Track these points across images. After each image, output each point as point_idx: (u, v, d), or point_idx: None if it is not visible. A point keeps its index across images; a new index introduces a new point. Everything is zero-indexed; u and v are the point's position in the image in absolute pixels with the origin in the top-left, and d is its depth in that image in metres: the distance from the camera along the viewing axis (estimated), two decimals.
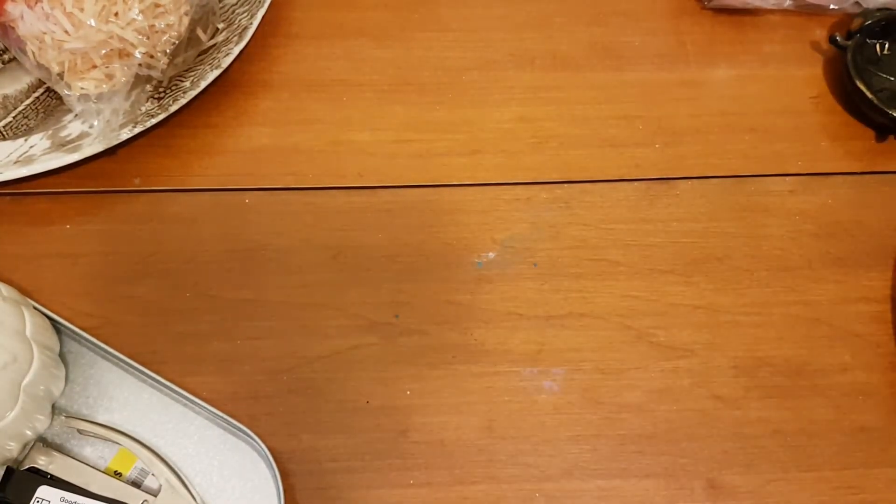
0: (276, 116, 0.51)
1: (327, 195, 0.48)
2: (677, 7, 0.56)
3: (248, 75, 0.52)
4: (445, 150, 0.50)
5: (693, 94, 0.52)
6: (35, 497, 0.39)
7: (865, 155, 0.51)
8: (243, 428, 0.40)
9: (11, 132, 0.48)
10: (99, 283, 0.46)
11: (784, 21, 0.55)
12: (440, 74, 0.49)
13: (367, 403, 0.43)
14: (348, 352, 0.44)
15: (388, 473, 0.42)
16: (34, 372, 0.38)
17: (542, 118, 0.51)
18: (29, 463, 0.40)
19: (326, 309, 0.45)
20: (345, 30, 0.54)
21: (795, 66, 0.54)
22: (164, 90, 0.48)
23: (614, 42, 0.54)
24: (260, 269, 0.46)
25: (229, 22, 0.50)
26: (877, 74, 0.52)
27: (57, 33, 0.42)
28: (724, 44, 0.54)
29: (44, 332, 0.41)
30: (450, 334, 0.45)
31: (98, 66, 0.43)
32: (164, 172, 0.49)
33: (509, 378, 0.44)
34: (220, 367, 0.44)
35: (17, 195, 0.48)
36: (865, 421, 0.44)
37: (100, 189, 0.48)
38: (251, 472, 0.41)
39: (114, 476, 0.40)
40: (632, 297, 0.46)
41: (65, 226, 0.47)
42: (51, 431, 0.41)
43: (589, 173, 0.49)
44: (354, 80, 0.52)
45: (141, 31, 0.43)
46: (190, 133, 0.50)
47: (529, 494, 0.42)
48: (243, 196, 0.48)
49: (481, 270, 0.47)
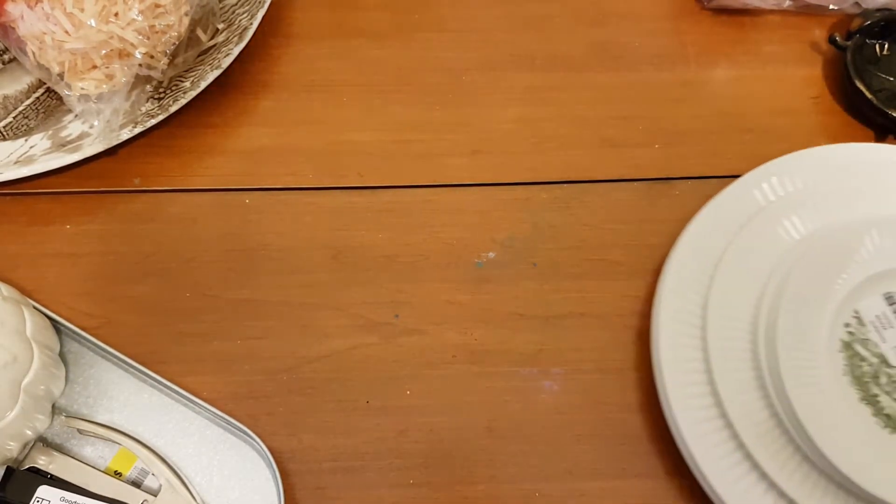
0: (276, 116, 0.51)
1: (327, 195, 0.48)
2: (677, 7, 0.56)
3: (248, 75, 0.52)
4: (445, 150, 0.50)
5: (693, 95, 0.53)
6: (35, 497, 0.39)
7: None
8: (243, 428, 0.40)
9: (12, 132, 0.48)
10: (99, 283, 0.46)
11: (784, 21, 0.55)
12: (440, 74, 0.49)
13: (367, 403, 0.43)
14: (348, 352, 0.44)
15: (388, 473, 0.42)
16: (34, 372, 0.38)
17: (542, 118, 0.51)
18: (29, 463, 0.40)
19: (326, 309, 0.45)
20: (345, 30, 0.54)
21: (795, 67, 0.54)
22: (164, 90, 0.48)
23: (614, 42, 0.54)
24: (260, 269, 0.46)
25: (229, 22, 0.50)
26: (876, 75, 0.52)
27: (57, 33, 0.42)
28: (724, 44, 0.54)
29: (44, 332, 0.41)
30: (450, 334, 0.45)
31: (98, 66, 0.43)
32: (164, 172, 0.49)
33: (509, 378, 0.44)
34: (220, 367, 0.44)
35: (17, 195, 0.48)
36: None
37: (100, 189, 0.48)
38: (251, 472, 0.41)
39: (114, 476, 0.40)
40: (632, 297, 0.46)
41: (65, 226, 0.47)
42: (51, 431, 0.41)
43: (589, 173, 0.49)
44: (354, 80, 0.52)
45: (141, 32, 0.43)
46: (190, 133, 0.50)
47: (529, 494, 0.42)
48: (243, 196, 0.48)
49: (481, 270, 0.47)
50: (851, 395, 0.40)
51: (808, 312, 0.41)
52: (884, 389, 0.40)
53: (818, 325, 0.41)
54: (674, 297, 0.43)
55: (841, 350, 0.41)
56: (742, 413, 0.40)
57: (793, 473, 0.39)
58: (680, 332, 0.42)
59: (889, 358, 0.41)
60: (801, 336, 0.40)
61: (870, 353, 0.41)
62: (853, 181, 0.46)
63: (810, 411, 0.39)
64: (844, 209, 0.44)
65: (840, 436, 0.39)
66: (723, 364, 0.41)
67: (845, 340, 0.41)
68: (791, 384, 0.39)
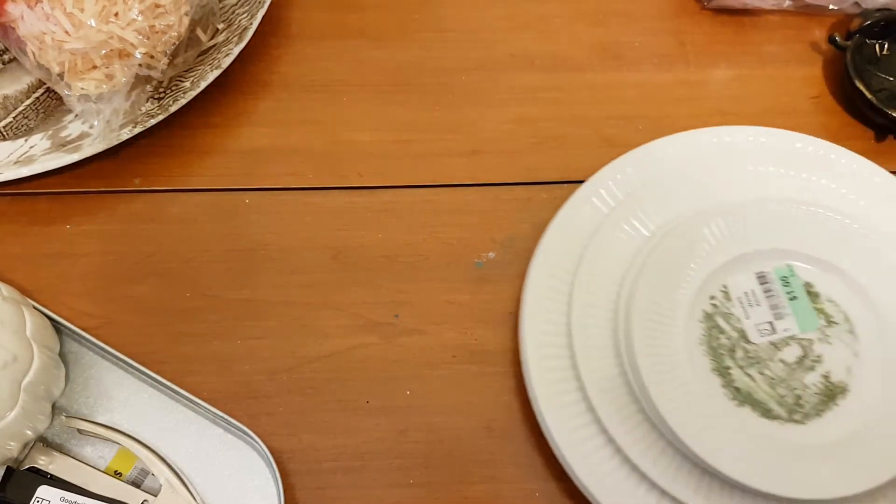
0: (276, 116, 0.51)
1: (327, 195, 0.48)
2: (677, 7, 0.56)
3: (248, 75, 0.52)
4: (445, 150, 0.50)
5: (693, 94, 0.53)
6: (35, 497, 0.39)
7: (864, 155, 0.51)
8: (243, 428, 0.40)
9: (12, 132, 0.48)
10: (99, 283, 0.46)
11: (783, 21, 0.55)
12: (440, 74, 0.49)
13: (367, 403, 0.43)
14: (348, 352, 0.44)
15: (388, 473, 0.42)
16: (34, 372, 0.38)
17: (542, 118, 0.51)
18: (29, 463, 0.40)
19: (326, 309, 0.45)
20: (345, 30, 0.54)
21: (795, 67, 0.54)
22: (164, 90, 0.48)
23: (614, 42, 0.54)
24: (260, 269, 0.46)
25: (229, 22, 0.50)
26: (876, 75, 0.52)
27: (57, 33, 0.42)
28: (724, 44, 0.54)
29: (44, 332, 0.41)
30: (449, 334, 0.45)
31: (98, 66, 0.43)
32: (164, 172, 0.49)
33: (509, 378, 0.44)
34: (220, 367, 0.44)
35: (17, 195, 0.48)
36: None
37: (100, 189, 0.48)
38: (251, 472, 0.41)
39: (114, 476, 0.40)
40: None
41: (65, 226, 0.47)
42: (51, 431, 0.41)
43: (589, 173, 0.48)
44: (354, 80, 0.52)
45: (141, 32, 0.43)
46: (190, 133, 0.50)
47: (529, 494, 0.42)
48: (243, 196, 0.48)
49: (481, 270, 0.47)
50: (703, 364, 0.41)
51: (668, 283, 0.42)
52: (738, 363, 0.41)
53: (675, 292, 0.42)
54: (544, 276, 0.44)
55: (702, 320, 0.42)
56: (592, 369, 0.41)
57: (633, 431, 0.40)
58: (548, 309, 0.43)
59: (749, 334, 0.42)
60: (656, 302, 0.41)
61: (731, 327, 0.42)
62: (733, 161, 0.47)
63: (655, 372, 0.40)
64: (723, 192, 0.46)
65: (681, 398, 0.39)
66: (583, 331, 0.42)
67: (708, 312, 0.42)
68: (640, 346, 0.40)
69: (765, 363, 0.41)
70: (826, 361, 0.42)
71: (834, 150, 0.47)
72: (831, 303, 0.43)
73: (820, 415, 0.40)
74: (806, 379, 0.41)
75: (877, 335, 0.42)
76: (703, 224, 0.43)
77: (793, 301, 0.43)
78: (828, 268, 0.43)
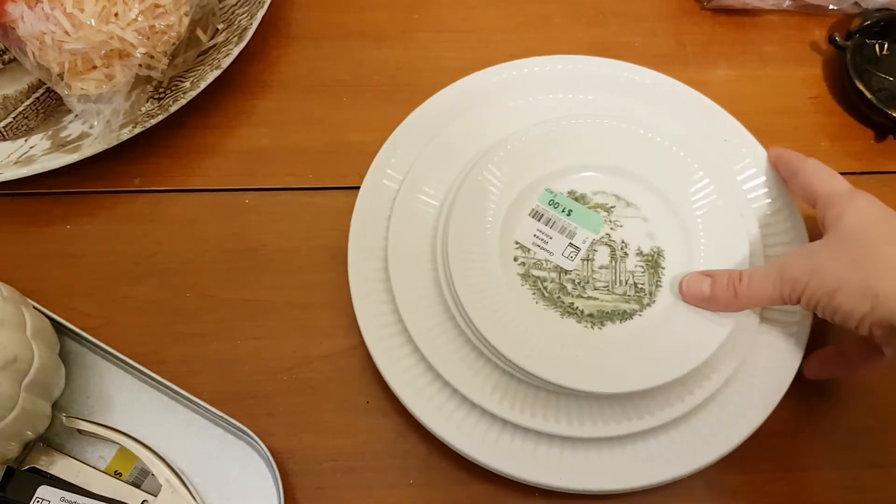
0: (276, 116, 0.51)
1: (327, 195, 0.48)
2: (677, 7, 0.56)
3: (248, 76, 0.52)
4: None
5: None
6: (35, 497, 0.39)
7: (864, 155, 0.51)
8: (243, 428, 0.40)
9: (12, 132, 0.48)
10: (99, 283, 0.46)
11: (783, 21, 0.55)
12: (440, 74, 0.49)
13: (366, 403, 0.43)
14: (348, 352, 0.44)
15: (388, 473, 0.42)
16: (34, 372, 0.38)
17: None
18: (29, 463, 0.40)
19: (326, 309, 0.45)
20: (345, 30, 0.54)
21: (795, 67, 0.54)
22: (164, 91, 0.48)
23: (614, 42, 0.54)
24: (260, 269, 0.46)
25: (229, 22, 0.50)
26: (876, 75, 0.52)
27: (57, 34, 0.42)
28: (724, 44, 0.54)
29: (44, 332, 0.41)
30: None
31: (98, 66, 0.43)
32: (164, 172, 0.49)
33: None
34: (220, 367, 0.44)
35: (17, 195, 0.48)
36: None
37: (100, 189, 0.48)
38: (251, 472, 0.41)
39: (114, 476, 0.40)
40: None
41: (65, 226, 0.47)
42: (51, 431, 0.41)
43: None
44: (354, 80, 0.52)
45: (141, 32, 0.43)
46: (190, 133, 0.50)
47: (529, 494, 0.42)
48: (243, 196, 0.48)
49: None
50: (552, 315, 0.42)
51: (481, 255, 0.42)
52: (573, 295, 0.42)
53: (488, 262, 0.42)
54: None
55: (523, 283, 0.43)
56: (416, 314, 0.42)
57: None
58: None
59: (564, 265, 0.43)
60: (482, 291, 0.41)
61: (547, 271, 0.43)
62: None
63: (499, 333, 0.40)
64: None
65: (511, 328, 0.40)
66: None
67: (521, 273, 0.43)
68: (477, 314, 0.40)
69: (591, 279, 0.43)
70: (630, 240, 0.44)
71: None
72: (597, 194, 0.45)
73: (661, 286, 0.42)
74: (628, 265, 0.43)
75: (648, 191, 0.44)
76: (484, 181, 0.44)
77: (570, 215, 0.44)
78: (573, 169, 0.45)
